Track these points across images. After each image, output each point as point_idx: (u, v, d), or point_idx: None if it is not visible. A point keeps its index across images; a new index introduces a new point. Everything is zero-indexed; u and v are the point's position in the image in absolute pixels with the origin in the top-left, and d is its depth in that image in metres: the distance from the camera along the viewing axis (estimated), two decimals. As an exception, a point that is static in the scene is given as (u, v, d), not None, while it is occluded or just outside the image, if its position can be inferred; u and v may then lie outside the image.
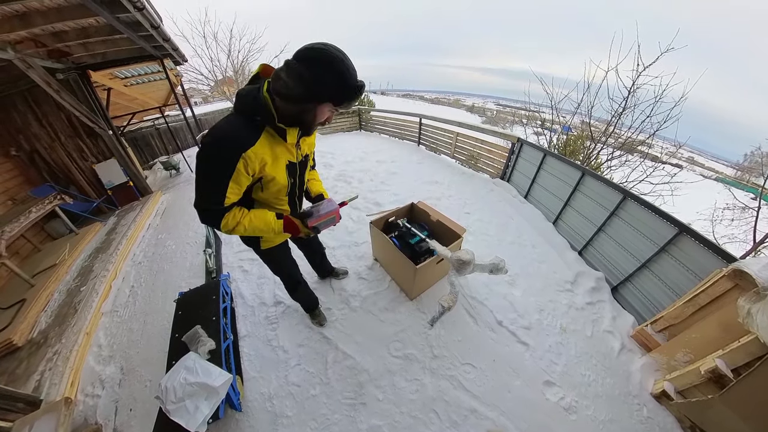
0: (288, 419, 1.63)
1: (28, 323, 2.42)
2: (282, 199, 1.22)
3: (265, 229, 1.11)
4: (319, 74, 0.83)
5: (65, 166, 4.07)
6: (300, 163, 1.19)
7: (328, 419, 1.61)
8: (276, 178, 1.07)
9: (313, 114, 0.94)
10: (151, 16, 3.01)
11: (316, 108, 0.92)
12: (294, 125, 0.99)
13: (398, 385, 1.72)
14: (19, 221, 3.04)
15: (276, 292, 2.36)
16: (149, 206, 4.21)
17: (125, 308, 2.61)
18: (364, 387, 1.72)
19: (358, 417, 1.60)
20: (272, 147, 1.01)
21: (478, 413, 1.61)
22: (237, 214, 1.05)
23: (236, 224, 1.04)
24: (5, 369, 2.10)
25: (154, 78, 5.02)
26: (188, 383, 1.47)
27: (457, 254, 1.60)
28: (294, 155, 1.13)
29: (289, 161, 1.11)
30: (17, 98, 3.66)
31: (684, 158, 32.41)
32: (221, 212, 1.02)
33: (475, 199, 3.71)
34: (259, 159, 0.97)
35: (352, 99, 0.90)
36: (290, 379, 1.79)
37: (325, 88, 0.86)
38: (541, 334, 2.04)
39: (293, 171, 1.16)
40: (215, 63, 11.06)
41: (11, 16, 2.56)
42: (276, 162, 1.05)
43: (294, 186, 1.22)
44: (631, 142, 5.08)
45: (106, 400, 1.88)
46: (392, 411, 1.62)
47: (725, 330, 1.53)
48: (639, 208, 2.25)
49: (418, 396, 1.68)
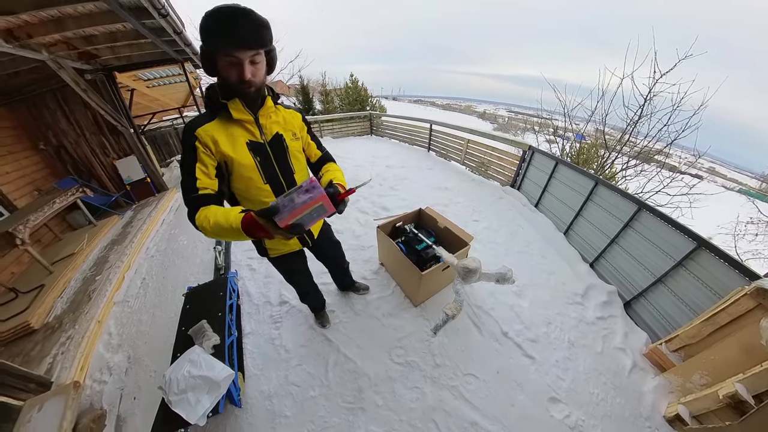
0: (286, 419, 1.63)
1: (45, 308, 2.51)
2: (263, 189, 1.12)
3: (225, 226, 0.85)
4: (200, 29, 0.84)
5: (88, 160, 4.26)
6: (271, 144, 1.10)
7: (325, 422, 1.60)
8: (237, 159, 1.03)
9: (216, 70, 0.92)
10: (174, 22, 3.15)
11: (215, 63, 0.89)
12: (231, 96, 0.98)
13: (398, 392, 1.70)
14: (43, 211, 3.17)
15: (282, 291, 2.37)
16: (164, 202, 4.34)
17: (136, 299, 2.68)
18: (363, 392, 1.70)
19: (356, 422, 1.59)
20: (226, 127, 1.02)
21: (478, 426, 1.57)
22: (210, 209, 0.94)
23: (203, 219, 0.91)
24: (21, 350, 2.19)
25: (174, 80, 5.23)
26: (191, 376, 1.49)
27: (464, 262, 1.58)
28: (255, 135, 1.07)
29: (251, 140, 1.06)
30: (48, 96, 3.86)
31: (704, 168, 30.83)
32: (196, 201, 0.96)
33: (483, 207, 3.67)
34: (210, 136, 0.98)
35: (215, 30, 0.82)
36: (290, 379, 1.79)
37: (202, 36, 0.85)
38: (548, 348, 1.98)
39: (260, 151, 1.08)
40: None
41: (47, 21, 2.71)
42: (233, 141, 1.02)
43: (271, 169, 1.12)
44: (647, 151, 4.94)
45: (112, 387, 1.93)
46: (391, 418, 1.59)
47: (746, 352, 1.46)
48: (655, 219, 2.18)
49: (418, 404, 1.65)
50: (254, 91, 0.96)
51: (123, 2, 2.53)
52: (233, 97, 0.98)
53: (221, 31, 0.82)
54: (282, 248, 1.41)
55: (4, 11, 2.26)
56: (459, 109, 52.53)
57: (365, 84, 10.54)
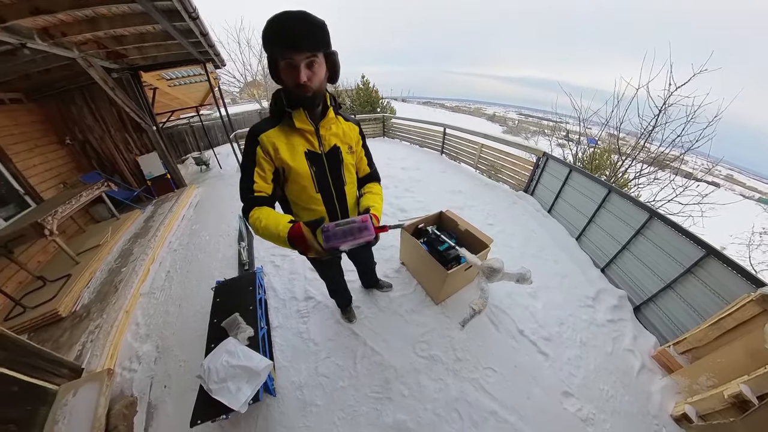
0: (317, 408, 1.72)
1: (72, 297, 2.60)
2: (314, 197, 1.17)
3: (273, 231, 0.93)
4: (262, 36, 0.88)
5: (112, 156, 4.39)
6: (328, 156, 1.14)
7: (355, 410, 1.70)
8: (295, 167, 1.07)
9: (278, 74, 0.95)
10: (201, 25, 3.28)
11: (277, 68, 0.93)
12: (296, 106, 1.02)
13: (423, 384, 1.80)
14: (71, 203, 3.28)
15: (307, 287, 2.48)
16: (184, 198, 4.47)
17: (161, 291, 2.79)
18: (390, 383, 1.81)
19: (384, 410, 1.69)
20: (287, 135, 1.07)
21: (497, 416, 1.67)
22: (263, 210, 1.01)
23: (256, 219, 0.98)
24: (50, 336, 2.27)
25: (194, 80, 5.36)
26: (231, 366, 1.57)
27: (488, 262, 1.69)
28: (314, 145, 1.10)
29: (309, 150, 1.10)
30: (76, 93, 4.00)
31: (722, 176, 29.29)
32: (252, 201, 1.03)
33: (497, 211, 3.76)
34: (271, 143, 1.03)
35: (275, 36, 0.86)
36: (320, 371, 1.90)
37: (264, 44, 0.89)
38: (560, 346, 2.08)
39: (317, 161, 1.12)
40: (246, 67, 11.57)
41: (81, 20, 2.83)
42: (292, 150, 1.07)
43: (324, 179, 1.17)
44: (662, 158, 4.97)
45: (142, 375, 2.01)
46: (416, 407, 1.70)
47: (751, 356, 1.52)
48: (665, 227, 2.26)
49: (441, 395, 1.75)
50: (311, 95, 0.96)
51: (157, 5, 2.65)
52: (297, 105, 1.01)
53: (277, 34, 0.85)
54: None
55: (45, 10, 2.36)
56: (468, 111, 52.14)
57: (376, 86, 10.65)
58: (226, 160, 6.66)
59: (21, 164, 3.43)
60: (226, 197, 4.62)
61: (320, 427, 1.64)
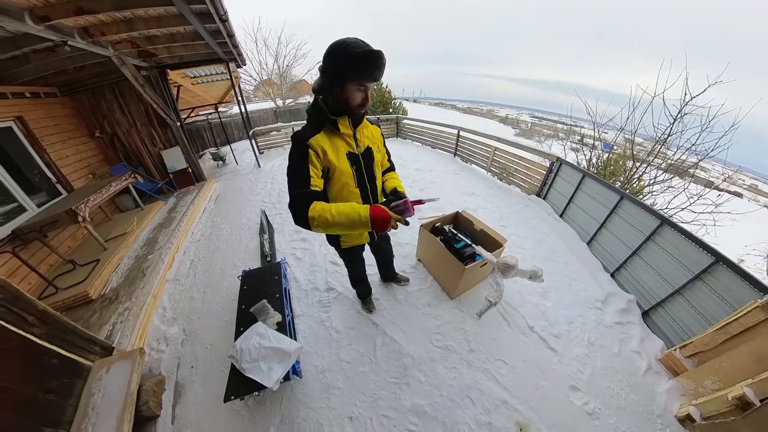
0: (339, 390, 1.84)
1: (101, 280, 2.74)
2: (353, 192, 1.34)
3: (352, 214, 1.03)
4: (330, 61, 1.04)
5: (138, 149, 4.59)
6: (363, 156, 1.32)
7: (375, 394, 1.81)
8: (339, 167, 1.23)
9: (343, 96, 1.11)
10: (230, 27, 3.43)
11: (342, 90, 1.09)
12: (342, 114, 1.19)
13: (438, 371, 1.92)
14: (101, 193, 3.46)
15: (328, 279, 2.61)
16: (204, 191, 4.64)
17: (186, 278, 2.93)
18: (408, 370, 1.92)
19: (402, 395, 1.80)
20: (331, 139, 1.22)
21: (508, 404, 1.77)
22: (324, 204, 1.10)
23: (322, 210, 1.06)
24: (81, 316, 2.40)
25: (216, 78, 5.54)
26: (263, 347, 1.70)
27: (504, 259, 1.80)
28: (353, 147, 1.28)
29: (349, 152, 1.27)
30: (107, 89, 4.20)
31: (745, 185, 27.99)
32: (309, 196, 1.11)
33: (510, 214, 3.84)
34: (320, 146, 1.17)
35: (362, 67, 1.02)
36: (341, 356, 2.02)
37: (338, 69, 1.04)
38: (569, 344, 2.16)
39: (355, 161, 1.30)
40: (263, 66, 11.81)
41: (120, 21, 2.99)
42: (337, 152, 1.23)
43: (361, 176, 1.34)
44: (678, 165, 4.95)
45: (169, 356, 2.12)
46: (432, 393, 1.81)
47: (757, 361, 1.56)
48: (676, 234, 2.31)
49: (455, 383, 1.86)
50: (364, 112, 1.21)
51: (192, 8, 2.80)
52: (342, 114, 1.19)
53: (364, 66, 1.02)
54: (353, 241, 1.64)
55: (88, 11, 2.51)
56: (480, 113, 51.61)
57: (388, 86, 10.75)
58: (242, 156, 6.84)
59: (54, 155, 3.61)
60: (245, 191, 4.76)
61: (342, 408, 1.76)
